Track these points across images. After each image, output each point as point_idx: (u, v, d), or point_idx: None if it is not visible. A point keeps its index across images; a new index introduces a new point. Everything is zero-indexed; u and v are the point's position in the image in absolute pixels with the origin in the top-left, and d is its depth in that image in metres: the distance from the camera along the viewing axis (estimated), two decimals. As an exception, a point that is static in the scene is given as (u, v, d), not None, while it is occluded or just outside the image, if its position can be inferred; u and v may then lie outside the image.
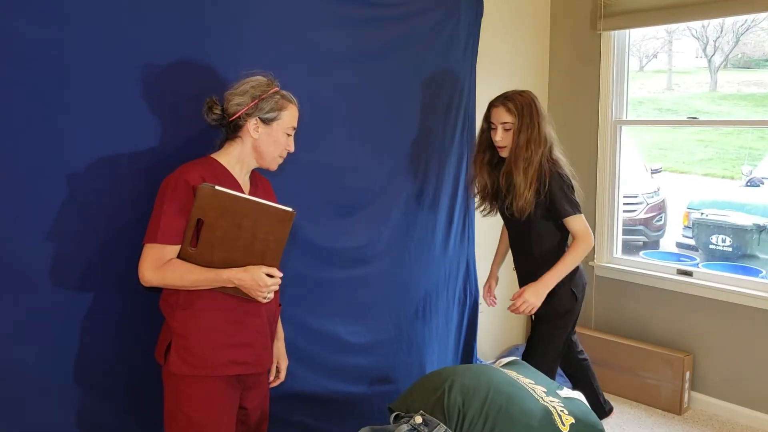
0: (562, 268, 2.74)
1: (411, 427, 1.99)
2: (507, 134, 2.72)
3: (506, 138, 2.73)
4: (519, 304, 2.73)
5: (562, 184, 2.71)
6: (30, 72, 1.95)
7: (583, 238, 2.74)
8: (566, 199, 2.72)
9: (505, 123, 2.71)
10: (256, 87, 2.07)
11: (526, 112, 2.70)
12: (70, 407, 2.15)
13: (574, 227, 2.75)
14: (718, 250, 5.90)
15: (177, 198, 1.94)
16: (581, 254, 2.74)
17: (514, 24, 3.94)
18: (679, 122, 5.11)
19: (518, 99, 2.72)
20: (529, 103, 2.72)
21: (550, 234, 2.81)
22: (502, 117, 2.72)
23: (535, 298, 2.71)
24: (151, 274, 1.93)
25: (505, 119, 2.71)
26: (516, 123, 2.69)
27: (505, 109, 2.71)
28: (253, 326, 2.10)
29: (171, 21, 2.28)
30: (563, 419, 2.11)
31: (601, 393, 3.17)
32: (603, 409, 3.15)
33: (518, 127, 2.69)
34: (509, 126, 2.71)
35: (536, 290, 2.72)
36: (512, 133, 2.71)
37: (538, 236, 2.81)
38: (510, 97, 2.73)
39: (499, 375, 2.21)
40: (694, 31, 8.51)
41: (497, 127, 2.74)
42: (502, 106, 2.72)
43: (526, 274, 2.89)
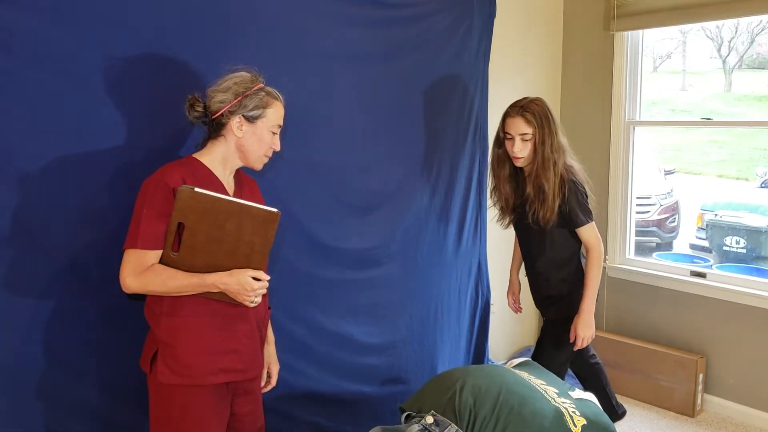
0: (592, 287, 2.75)
1: (422, 427, 2.00)
2: (525, 145, 2.68)
3: (524, 149, 2.69)
4: (579, 343, 2.75)
5: (577, 193, 2.70)
6: (5, 60, 1.92)
7: (596, 248, 2.74)
8: (581, 208, 2.71)
9: (524, 134, 2.66)
10: (239, 83, 1.98)
11: (544, 121, 2.67)
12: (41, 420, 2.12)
13: (586, 236, 2.75)
14: (732, 252, 5.86)
15: (156, 201, 1.87)
16: (599, 265, 2.75)
17: (526, 25, 3.93)
18: (693, 123, 5.09)
19: (535, 108, 2.67)
20: (545, 111, 2.68)
21: (565, 241, 2.80)
22: (521, 128, 2.67)
23: (587, 330, 2.75)
24: (132, 281, 1.86)
25: (524, 130, 2.66)
26: (536, 133, 2.66)
27: (524, 120, 2.66)
28: (242, 332, 2.03)
29: (178, 21, 2.30)
30: (575, 420, 2.10)
31: (613, 396, 3.16)
32: (616, 412, 3.14)
33: (540, 138, 2.66)
34: (528, 137, 2.66)
35: (583, 322, 2.74)
36: (531, 144, 2.67)
37: (553, 243, 2.80)
38: (526, 107, 2.68)
39: (510, 376, 2.21)
40: (709, 31, 8.46)
41: (515, 138, 2.68)
42: (520, 117, 2.67)
43: (540, 280, 2.89)
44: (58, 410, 2.14)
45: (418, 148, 3.18)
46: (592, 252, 2.74)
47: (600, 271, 2.76)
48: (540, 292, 2.92)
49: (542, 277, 2.87)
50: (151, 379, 1.98)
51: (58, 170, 2.05)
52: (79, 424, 2.19)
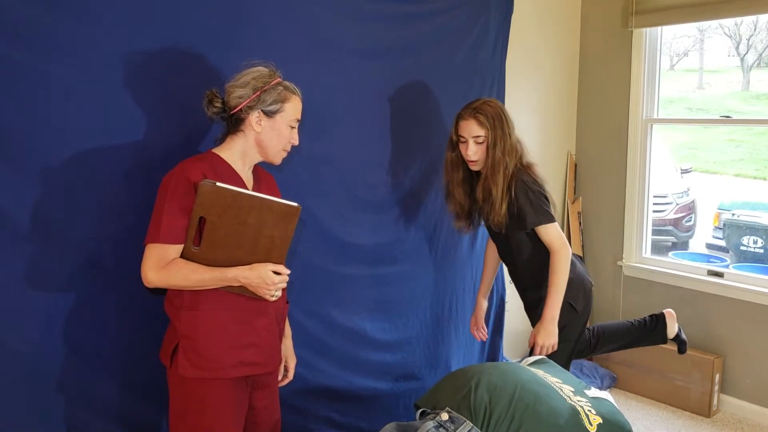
0: (555, 294, 2.60)
1: (437, 424, 1.99)
2: (479, 147, 2.59)
3: (478, 151, 2.59)
4: (538, 351, 2.61)
5: (527, 192, 2.58)
6: (26, 56, 1.94)
7: (559, 251, 2.59)
8: (533, 207, 2.58)
9: (477, 137, 2.57)
10: (257, 78, 1.99)
11: (498, 123, 2.58)
12: (61, 413, 2.14)
13: (546, 236, 2.61)
14: (749, 252, 5.81)
15: (178, 196, 1.87)
16: (564, 269, 2.59)
17: (544, 21, 3.91)
18: (711, 121, 5.04)
19: (488, 110, 2.58)
20: (499, 113, 2.59)
21: (527, 244, 2.69)
22: (473, 130, 2.58)
23: (548, 339, 2.60)
24: (154, 275, 1.87)
25: (477, 132, 2.57)
26: (489, 135, 2.57)
27: (477, 122, 2.57)
28: (261, 325, 2.04)
29: (196, 16, 2.30)
30: (590, 419, 2.09)
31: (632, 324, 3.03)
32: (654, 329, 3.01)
33: (492, 140, 2.57)
34: (481, 139, 2.58)
35: (544, 330, 2.60)
36: (484, 147, 2.59)
37: (518, 247, 2.71)
38: (479, 109, 2.58)
39: (526, 373, 2.20)
40: (727, 29, 8.38)
41: (468, 141, 2.59)
42: (473, 119, 2.58)
43: (522, 285, 2.83)
44: (78, 403, 2.17)
45: (434, 145, 3.17)
46: (554, 255, 2.59)
47: (565, 276, 2.60)
48: (526, 298, 2.85)
49: (523, 282, 2.80)
50: (172, 373, 2.00)
51: (78, 165, 2.07)
52: (99, 417, 2.21)
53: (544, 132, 4.02)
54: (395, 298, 3.10)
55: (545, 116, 4.02)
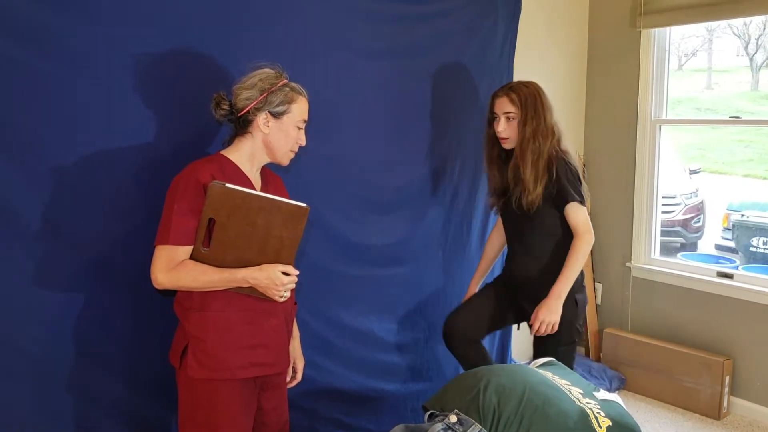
0: (569, 274, 2.56)
1: (446, 426, 1.98)
2: (510, 124, 2.62)
3: (509, 128, 2.62)
4: (538, 327, 2.56)
5: (568, 171, 2.60)
6: (36, 58, 1.95)
7: (585, 233, 2.59)
8: (572, 186, 2.59)
9: (508, 113, 2.61)
10: (264, 80, 2.01)
11: (530, 103, 2.60)
12: (70, 413, 2.15)
13: (575, 217, 2.59)
14: (759, 253, 5.77)
15: (187, 197, 1.89)
16: (585, 253, 2.58)
17: (552, 21, 3.90)
18: (720, 122, 5.02)
19: (522, 90, 2.62)
20: (534, 94, 2.62)
21: (557, 227, 2.65)
22: (505, 107, 2.62)
23: (551, 315, 2.55)
24: (164, 276, 1.88)
25: (508, 109, 2.61)
26: (520, 114, 2.60)
27: (509, 99, 2.61)
28: (270, 326, 2.05)
29: (205, 18, 2.31)
30: (600, 421, 2.08)
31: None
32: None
33: (523, 119, 2.59)
34: (513, 116, 2.60)
35: (549, 306, 2.55)
36: (516, 125, 2.61)
37: (545, 229, 2.66)
38: (514, 88, 2.64)
39: (535, 375, 2.19)
40: (735, 29, 8.34)
41: (500, 117, 2.63)
42: (506, 96, 2.62)
43: (534, 276, 2.69)
44: (87, 404, 2.17)
45: (442, 145, 3.16)
46: (579, 237, 2.58)
47: (584, 260, 2.58)
48: (534, 290, 2.68)
49: (536, 271, 2.69)
50: (181, 374, 2.01)
51: (87, 166, 2.08)
52: (108, 417, 2.22)
53: (552, 133, 4.01)
54: (403, 299, 3.10)
55: (553, 116, 4.00)
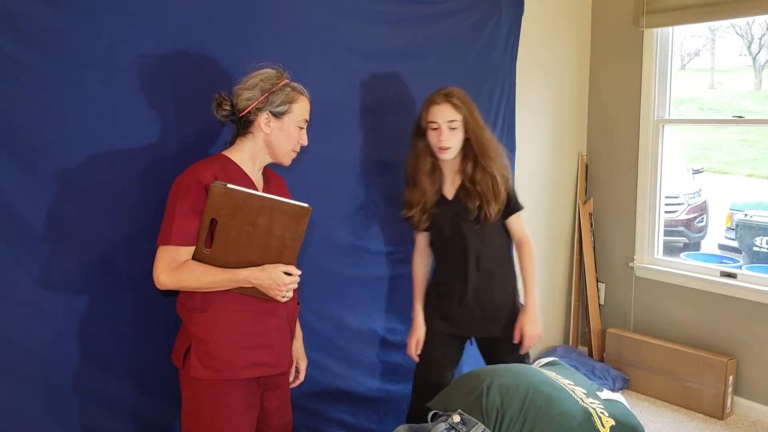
0: (535, 282, 2.55)
1: (449, 426, 1.99)
2: (453, 134, 2.44)
3: (452, 138, 2.45)
4: (528, 344, 2.53)
5: (510, 177, 2.55)
6: (39, 59, 1.96)
7: (528, 240, 2.58)
8: (514, 194, 2.56)
9: (451, 121, 2.43)
10: (265, 80, 2.00)
11: (470, 108, 2.47)
12: (76, 413, 2.16)
13: (519, 227, 2.58)
14: (762, 253, 5.77)
15: (190, 198, 1.89)
16: (535, 257, 2.58)
17: (555, 22, 3.90)
18: (724, 121, 5.01)
19: (460, 94, 2.47)
20: (468, 98, 2.49)
21: (501, 236, 2.60)
22: (447, 114, 2.43)
23: (536, 327, 2.53)
24: (166, 277, 1.88)
25: (452, 117, 2.43)
26: (463, 119, 2.44)
27: (451, 106, 2.43)
28: (273, 326, 2.05)
29: (207, 19, 2.31)
30: (603, 421, 2.08)
31: None
32: None
33: (471, 123, 2.45)
34: (456, 124, 2.44)
35: (532, 319, 2.52)
36: (458, 133, 2.45)
37: (492, 241, 2.56)
38: (451, 93, 2.46)
39: (538, 375, 2.19)
40: (738, 28, 8.33)
41: (441, 127, 2.44)
42: (447, 103, 2.44)
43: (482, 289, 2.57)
44: (92, 404, 2.18)
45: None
46: (527, 244, 2.58)
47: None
48: (482, 305, 2.57)
49: (485, 284, 2.57)
50: (184, 374, 2.01)
51: (91, 167, 2.09)
52: (112, 418, 2.23)
53: (555, 133, 4.01)
54: (406, 300, 3.09)
55: (556, 117, 4.01)
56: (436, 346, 2.65)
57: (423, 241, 2.73)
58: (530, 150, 3.84)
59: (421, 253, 2.75)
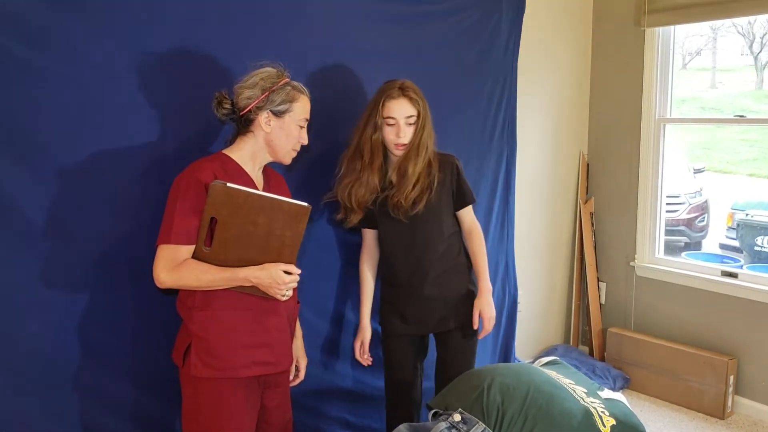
0: (486, 268, 2.53)
1: (450, 425, 1.99)
2: (409, 129, 2.37)
3: (409, 133, 2.37)
4: (488, 327, 2.50)
5: (462, 171, 2.53)
6: (40, 58, 1.96)
7: (480, 229, 2.58)
8: (468, 187, 2.55)
9: (409, 117, 2.36)
10: (266, 79, 2.00)
11: (424, 103, 2.40)
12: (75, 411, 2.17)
13: (469, 217, 2.57)
14: (763, 252, 5.75)
15: (189, 197, 1.89)
16: (484, 246, 2.58)
17: (556, 20, 3.89)
18: (725, 120, 5.00)
19: (414, 88, 2.39)
20: (421, 92, 2.42)
21: (452, 226, 2.55)
22: (407, 110, 2.35)
23: (492, 309, 2.50)
24: (166, 276, 1.88)
25: (410, 112, 2.35)
26: (418, 113, 2.37)
27: (409, 101, 2.35)
28: (273, 325, 2.05)
29: (209, 18, 2.31)
30: (604, 420, 2.08)
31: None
32: None
33: (423, 120, 2.38)
34: (413, 120, 2.36)
35: (488, 302, 2.49)
36: (413, 127, 2.37)
37: (439, 232, 2.49)
38: (407, 87, 2.37)
39: (539, 374, 2.19)
40: (740, 27, 8.31)
41: (398, 123, 2.35)
42: (404, 98, 2.35)
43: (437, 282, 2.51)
44: (92, 402, 2.18)
45: (446, 145, 3.14)
46: (478, 234, 2.56)
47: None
48: (438, 299, 2.52)
49: (439, 277, 2.51)
50: (184, 373, 2.01)
51: (91, 165, 2.09)
52: (112, 416, 2.23)
53: (556, 132, 4.01)
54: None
55: (557, 116, 4.00)
56: (398, 347, 2.62)
57: (371, 239, 2.63)
58: (531, 149, 3.84)
59: (369, 252, 2.65)
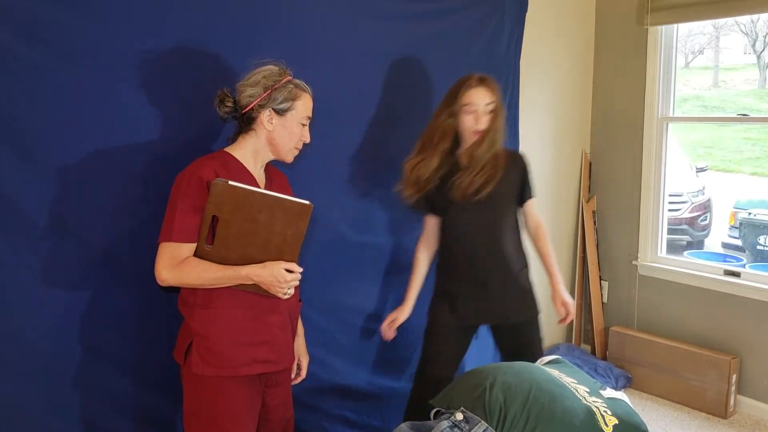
0: (555, 260, 2.66)
1: (452, 424, 1.98)
2: (488, 117, 2.48)
3: (486, 120, 2.48)
4: (572, 313, 2.61)
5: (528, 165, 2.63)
6: (42, 55, 1.96)
7: (543, 223, 2.67)
8: (532, 182, 2.64)
9: (489, 103, 2.47)
10: (268, 77, 2.00)
11: (500, 93, 2.54)
12: (77, 409, 2.17)
13: (534, 211, 2.66)
14: (766, 251, 5.75)
15: (191, 195, 1.88)
16: None
17: (558, 18, 3.89)
18: (728, 119, 4.99)
19: (491, 78, 2.51)
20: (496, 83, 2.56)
21: (515, 221, 2.62)
22: (486, 97, 2.47)
23: (571, 299, 2.63)
24: (168, 274, 1.88)
25: (489, 99, 2.47)
26: (495, 103, 2.48)
27: (488, 89, 2.47)
28: (274, 323, 2.05)
29: (210, 16, 2.31)
30: (606, 420, 2.07)
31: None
32: None
33: (499, 109, 2.49)
34: (491, 107, 2.47)
35: (564, 291, 2.62)
36: (490, 116, 2.48)
37: (506, 221, 2.57)
38: (485, 77, 2.50)
39: (541, 373, 2.19)
40: (743, 26, 8.31)
41: (478, 110, 2.46)
42: (483, 86, 2.47)
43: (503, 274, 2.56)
44: (93, 400, 2.18)
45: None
46: (542, 227, 2.67)
47: None
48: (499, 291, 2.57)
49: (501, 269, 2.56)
50: (185, 371, 2.01)
51: (93, 163, 2.09)
52: (113, 414, 2.23)
53: (558, 130, 4.00)
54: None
55: (560, 114, 4.00)
56: (444, 339, 2.63)
57: (431, 226, 2.68)
58: (533, 147, 3.84)
59: (427, 239, 2.71)
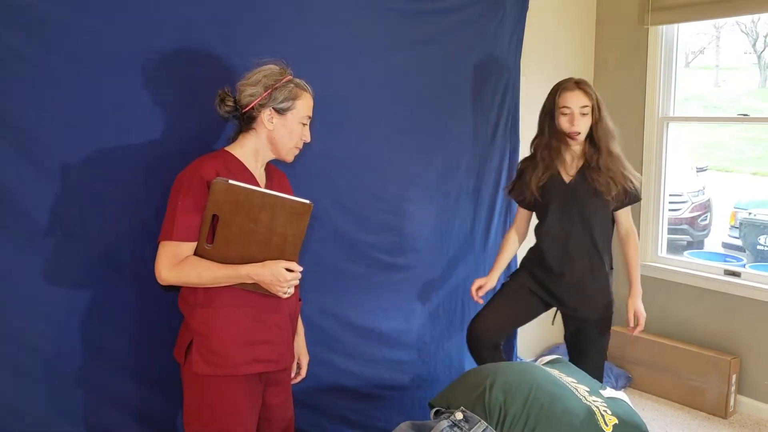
0: (639, 270, 2.80)
1: (452, 423, 1.98)
2: (584, 119, 2.61)
3: (583, 123, 2.62)
4: (642, 323, 2.77)
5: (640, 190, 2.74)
6: (44, 55, 1.96)
7: (635, 231, 2.77)
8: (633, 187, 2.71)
9: (584, 107, 2.59)
10: (268, 76, 2.00)
11: (596, 93, 2.64)
12: (78, 408, 2.17)
13: (627, 217, 2.77)
14: (766, 251, 5.75)
15: (191, 194, 1.89)
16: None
17: (559, 18, 3.88)
18: (729, 119, 4.99)
19: (586, 81, 2.65)
20: (592, 85, 2.69)
21: (608, 223, 2.74)
22: (581, 100, 2.60)
23: (644, 311, 2.78)
24: (168, 273, 1.88)
25: (585, 102, 2.60)
26: (592, 106, 2.61)
27: (583, 93, 2.61)
28: (275, 323, 2.05)
29: (211, 16, 2.31)
30: (606, 419, 2.07)
31: None
32: None
33: (599, 110, 2.62)
34: (587, 110, 2.60)
35: (640, 301, 2.77)
36: (587, 118, 2.61)
37: (600, 221, 2.70)
38: (581, 80, 2.65)
39: (541, 373, 2.18)
40: (744, 26, 8.30)
41: (574, 112, 2.60)
42: (579, 90, 2.61)
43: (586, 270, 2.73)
44: (95, 399, 2.19)
45: (448, 142, 3.15)
46: (634, 235, 2.79)
47: None
48: (581, 288, 2.75)
49: (586, 268, 2.72)
50: (186, 370, 2.01)
51: (95, 163, 2.09)
52: (115, 412, 2.23)
53: (558, 130, 4.00)
54: (409, 297, 3.09)
55: (560, 114, 3.99)
56: (514, 293, 2.83)
57: (523, 219, 2.92)
58: (534, 147, 3.83)
59: (518, 230, 2.95)
